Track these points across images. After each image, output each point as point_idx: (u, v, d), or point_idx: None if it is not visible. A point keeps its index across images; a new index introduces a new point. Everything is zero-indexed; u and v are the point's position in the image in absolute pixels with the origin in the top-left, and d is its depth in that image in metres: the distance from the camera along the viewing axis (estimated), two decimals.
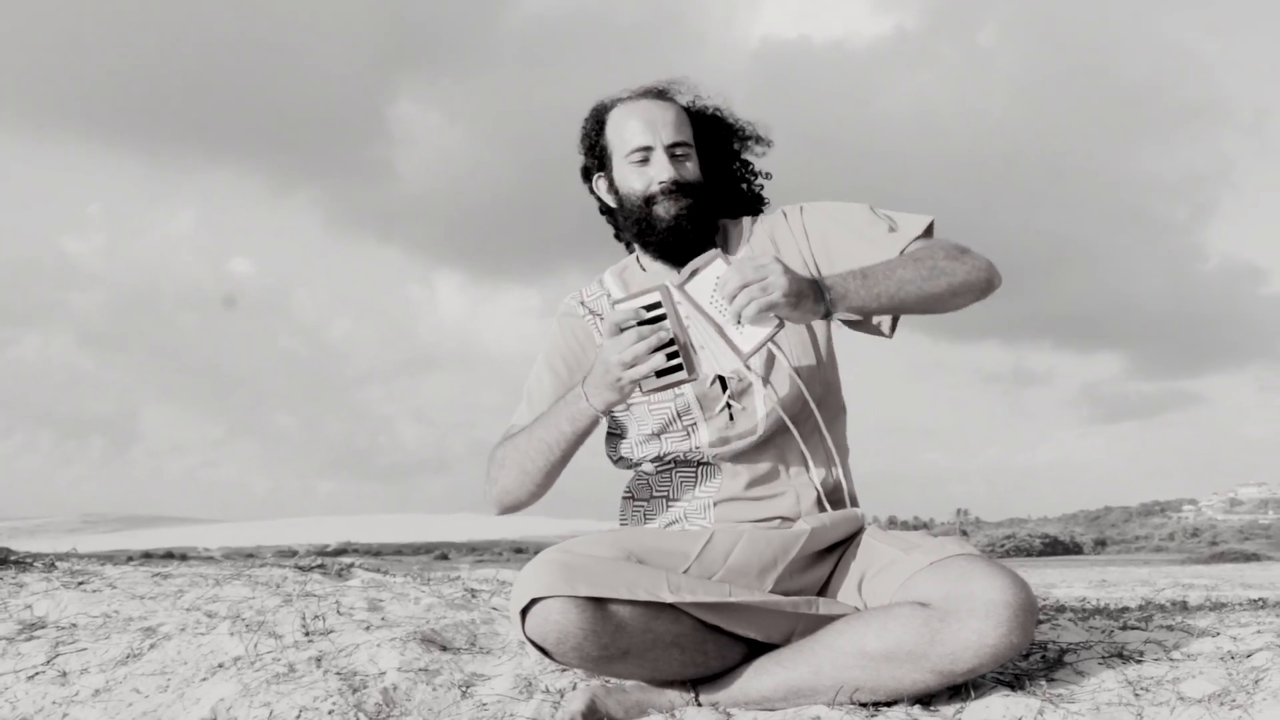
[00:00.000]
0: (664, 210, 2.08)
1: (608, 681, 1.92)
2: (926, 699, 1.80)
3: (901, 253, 2.03)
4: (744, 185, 2.27)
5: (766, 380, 2.07)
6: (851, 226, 2.11)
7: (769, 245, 2.16)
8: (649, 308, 1.83)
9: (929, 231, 2.09)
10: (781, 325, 1.83)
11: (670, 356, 1.82)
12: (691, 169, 2.13)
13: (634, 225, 2.13)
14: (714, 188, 2.18)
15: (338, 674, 2.09)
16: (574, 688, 1.96)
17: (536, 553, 1.88)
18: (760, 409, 2.06)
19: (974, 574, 1.74)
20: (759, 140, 2.27)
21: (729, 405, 2.06)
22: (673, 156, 2.10)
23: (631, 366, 1.83)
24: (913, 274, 1.95)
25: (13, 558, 3.92)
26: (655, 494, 2.13)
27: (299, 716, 1.87)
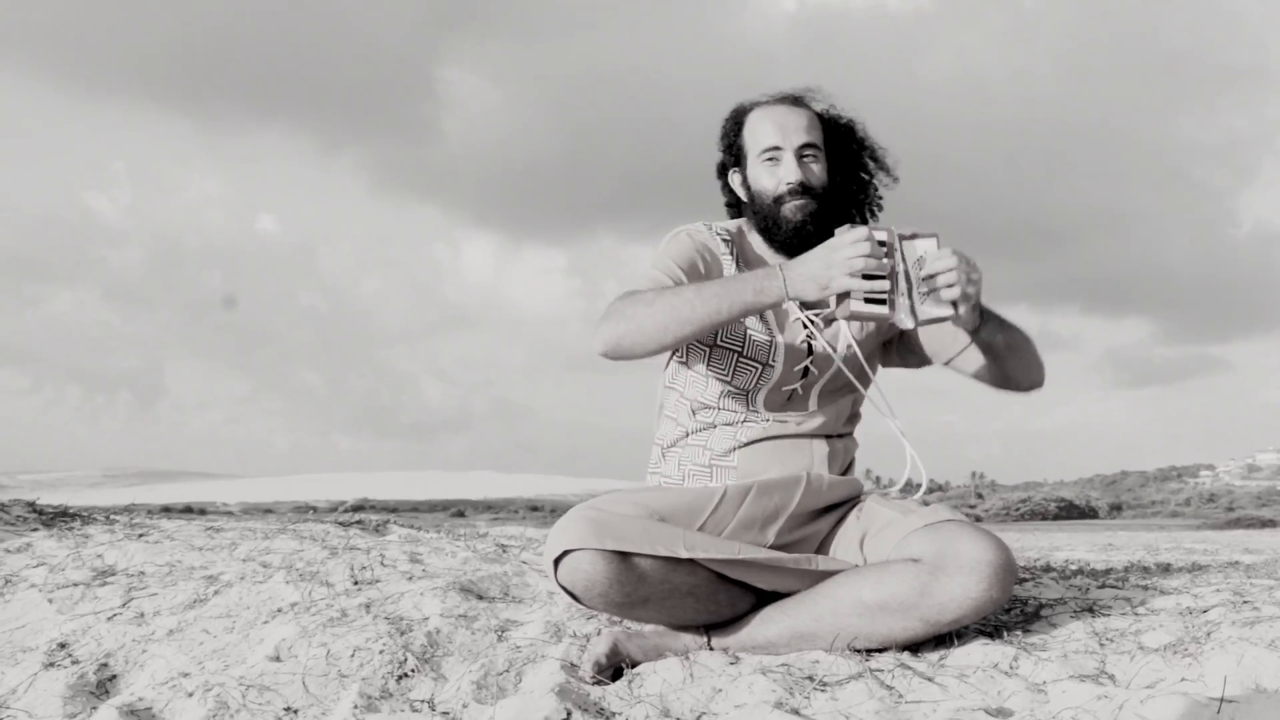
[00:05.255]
0: (790, 212, 2.19)
1: (629, 627, 2.11)
2: (915, 647, 2.00)
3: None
4: (863, 205, 2.36)
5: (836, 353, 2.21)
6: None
7: None
8: (879, 244, 1.92)
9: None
10: (954, 318, 1.96)
11: (878, 293, 1.91)
12: (818, 172, 2.23)
13: (762, 221, 2.25)
14: (839, 192, 2.28)
15: (386, 619, 2.29)
16: (598, 633, 2.14)
17: (552, 510, 2.00)
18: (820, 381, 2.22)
19: (961, 536, 1.94)
20: (882, 166, 2.35)
21: (807, 370, 2.21)
22: (800, 159, 2.21)
23: (853, 276, 1.92)
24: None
25: (71, 511, 4.15)
26: (691, 443, 2.26)
27: (353, 655, 2.07)
